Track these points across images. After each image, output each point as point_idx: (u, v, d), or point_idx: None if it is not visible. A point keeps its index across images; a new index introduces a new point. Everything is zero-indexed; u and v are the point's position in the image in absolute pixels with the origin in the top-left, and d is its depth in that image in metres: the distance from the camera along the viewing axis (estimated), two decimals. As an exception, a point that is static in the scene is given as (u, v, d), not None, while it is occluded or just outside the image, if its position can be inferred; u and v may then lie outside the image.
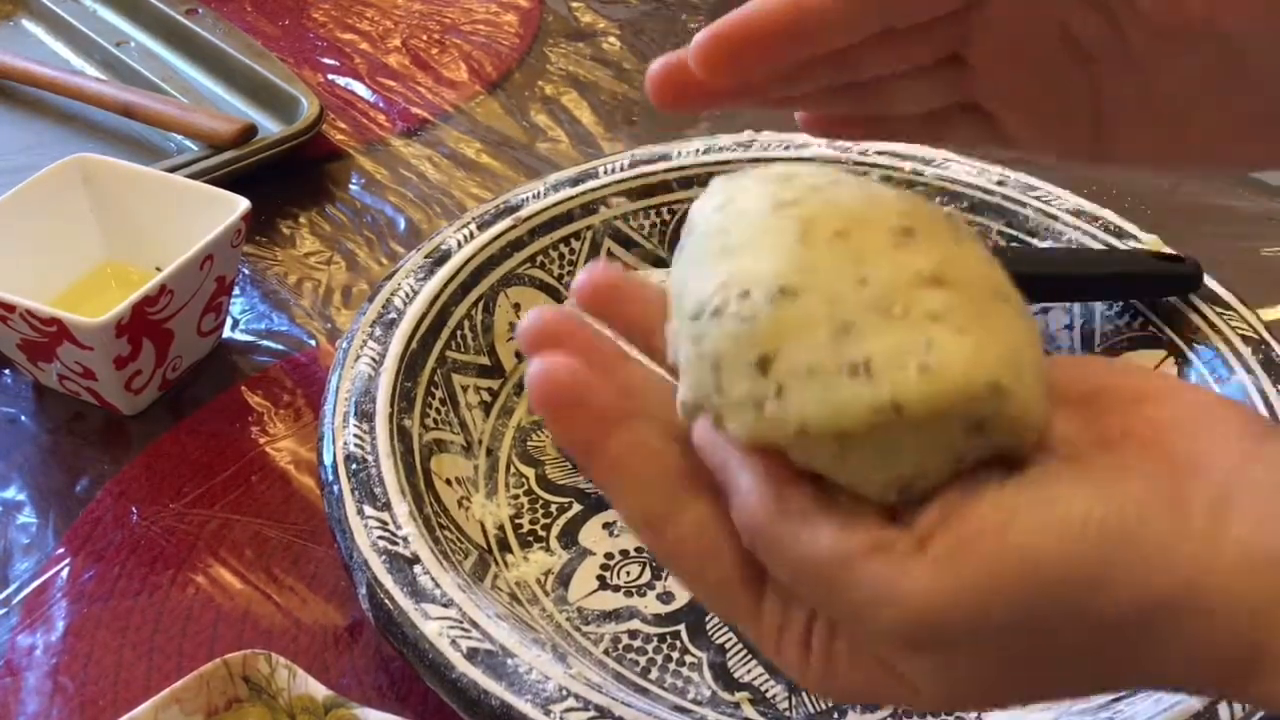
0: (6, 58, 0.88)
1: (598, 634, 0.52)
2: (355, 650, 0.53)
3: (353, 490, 0.51)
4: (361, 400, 0.55)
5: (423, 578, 0.48)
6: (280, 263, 0.75)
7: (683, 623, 0.53)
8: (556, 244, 0.65)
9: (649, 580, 0.54)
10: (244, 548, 0.57)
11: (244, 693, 0.47)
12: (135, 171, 0.68)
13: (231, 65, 0.88)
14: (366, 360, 0.57)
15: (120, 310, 0.58)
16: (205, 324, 0.65)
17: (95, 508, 0.59)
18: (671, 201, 0.68)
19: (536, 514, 0.57)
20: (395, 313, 0.59)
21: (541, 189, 0.67)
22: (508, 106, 0.90)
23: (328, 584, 0.56)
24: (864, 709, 0.50)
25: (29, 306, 0.58)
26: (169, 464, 0.62)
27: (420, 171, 0.83)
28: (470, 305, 0.62)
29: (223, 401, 0.65)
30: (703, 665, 0.51)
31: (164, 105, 0.82)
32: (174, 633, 0.54)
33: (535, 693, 0.45)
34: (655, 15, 1.01)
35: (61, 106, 0.86)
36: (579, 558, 0.55)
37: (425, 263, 0.62)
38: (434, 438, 0.57)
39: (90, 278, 0.68)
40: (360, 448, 0.53)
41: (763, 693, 0.50)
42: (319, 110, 0.82)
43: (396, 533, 0.50)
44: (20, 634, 0.54)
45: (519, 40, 0.98)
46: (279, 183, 0.80)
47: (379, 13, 1.01)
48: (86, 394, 0.63)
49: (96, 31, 0.93)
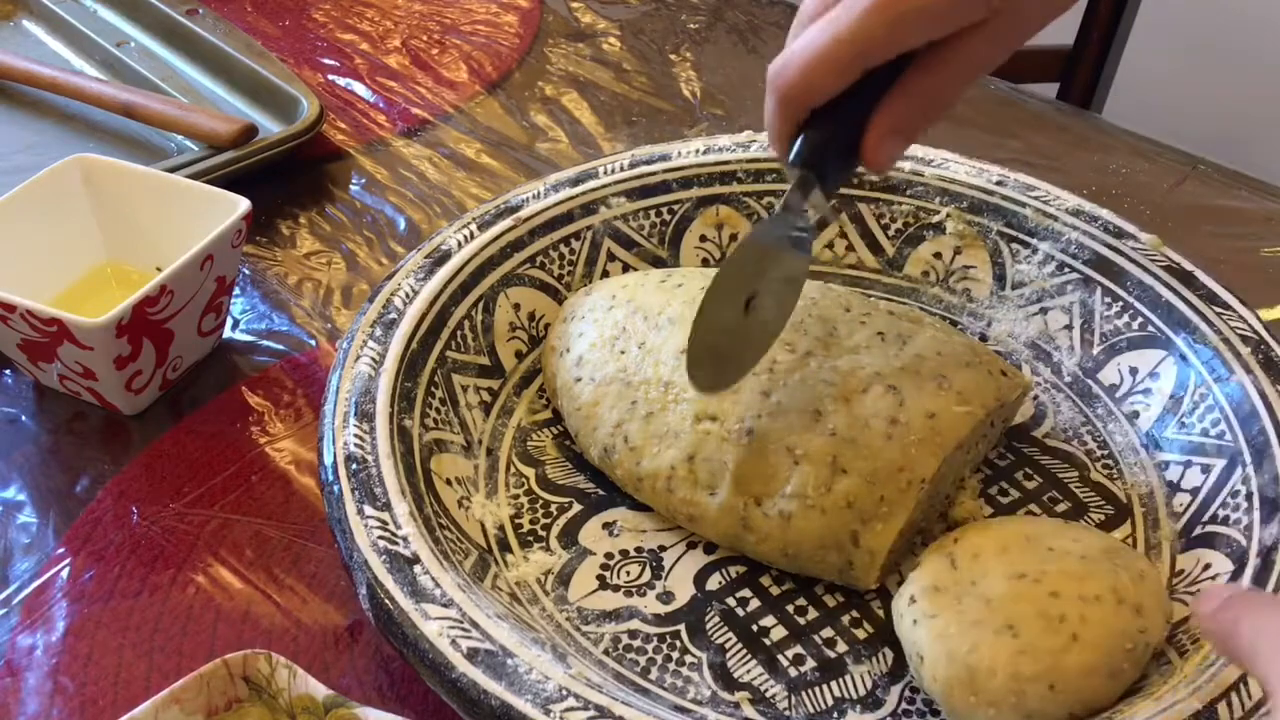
0: (7, 58, 0.88)
1: (598, 634, 0.52)
2: (355, 650, 0.53)
3: (353, 490, 0.51)
4: (362, 400, 0.55)
5: (423, 578, 0.48)
6: (280, 263, 0.75)
7: (682, 623, 0.53)
8: (556, 244, 0.65)
9: (649, 580, 0.54)
10: (244, 548, 0.57)
11: (244, 693, 0.47)
12: (135, 171, 0.68)
13: (232, 65, 0.88)
14: (366, 360, 0.57)
15: (120, 310, 0.58)
16: (205, 324, 0.65)
17: (95, 508, 0.59)
18: (671, 202, 0.68)
19: (536, 514, 0.57)
20: (395, 313, 0.59)
21: (541, 189, 0.67)
22: (507, 107, 0.90)
23: (328, 584, 0.56)
24: (864, 708, 0.50)
25: (29, 306, 0.58)
26: (169, 464, 0.62)
27: (420, 171, 0.83)
28: (470, 305, 0.62)
29: (223, 401, 0.65)
30: (702, 665, 0.51)
31: (164, 105, 0.82)
32: (174, 633, 0.54)
33: (535, 692, 0.45)
34: (655, 15, 1.01)
35: (61, 106, 0.86)
36: (579, 558, 0.55)
37: (425, 263, 0.62)
38: (434, 438, 0.57)
39: (90, 278, 0.68)
40: (360, 448, 0.53)
41: (762, 692, 0.50)
42: (319, 110, 0.82)
43: (396, 533, 0.50)
44: (20, 634, 0.54)
45: (519, 40, 0.98)
46: (279, 183, 0.80)
47: (379, 13, 1.01)
48: (87, 394, 0.63)
49: (97, 31, 0.93)
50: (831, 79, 0.46)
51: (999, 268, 0.66)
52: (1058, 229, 0.64)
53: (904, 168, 0.68)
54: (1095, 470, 0.59)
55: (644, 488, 0.56)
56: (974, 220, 0.66)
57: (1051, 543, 0.50)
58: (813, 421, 0.53)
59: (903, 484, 0.52)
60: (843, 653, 0.52)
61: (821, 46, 0.45)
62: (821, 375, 0.54)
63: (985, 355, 0.57)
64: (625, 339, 0.58)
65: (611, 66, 0.94)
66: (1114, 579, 0.48)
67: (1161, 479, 0.58)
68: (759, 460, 0.53)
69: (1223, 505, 0.54)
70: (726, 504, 0.53)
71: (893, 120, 0.48)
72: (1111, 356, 0.62)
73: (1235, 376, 0.57)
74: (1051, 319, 0.64)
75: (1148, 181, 0.82)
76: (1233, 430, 0.56)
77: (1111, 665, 0.46)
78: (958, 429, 0.53)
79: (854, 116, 0.48)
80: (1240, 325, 0.59)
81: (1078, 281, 0.63)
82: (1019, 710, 0.46)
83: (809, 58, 0.46)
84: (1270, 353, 0.57)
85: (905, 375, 0.54)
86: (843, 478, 0.52)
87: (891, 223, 0.68)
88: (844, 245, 0.69)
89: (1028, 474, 0.59)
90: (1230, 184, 0.82)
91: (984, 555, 0.50)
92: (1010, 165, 0.68)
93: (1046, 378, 0.63)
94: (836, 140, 0.48)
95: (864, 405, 0.53)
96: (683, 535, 0.56)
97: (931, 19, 0.45)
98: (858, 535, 0.52)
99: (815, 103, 0.47)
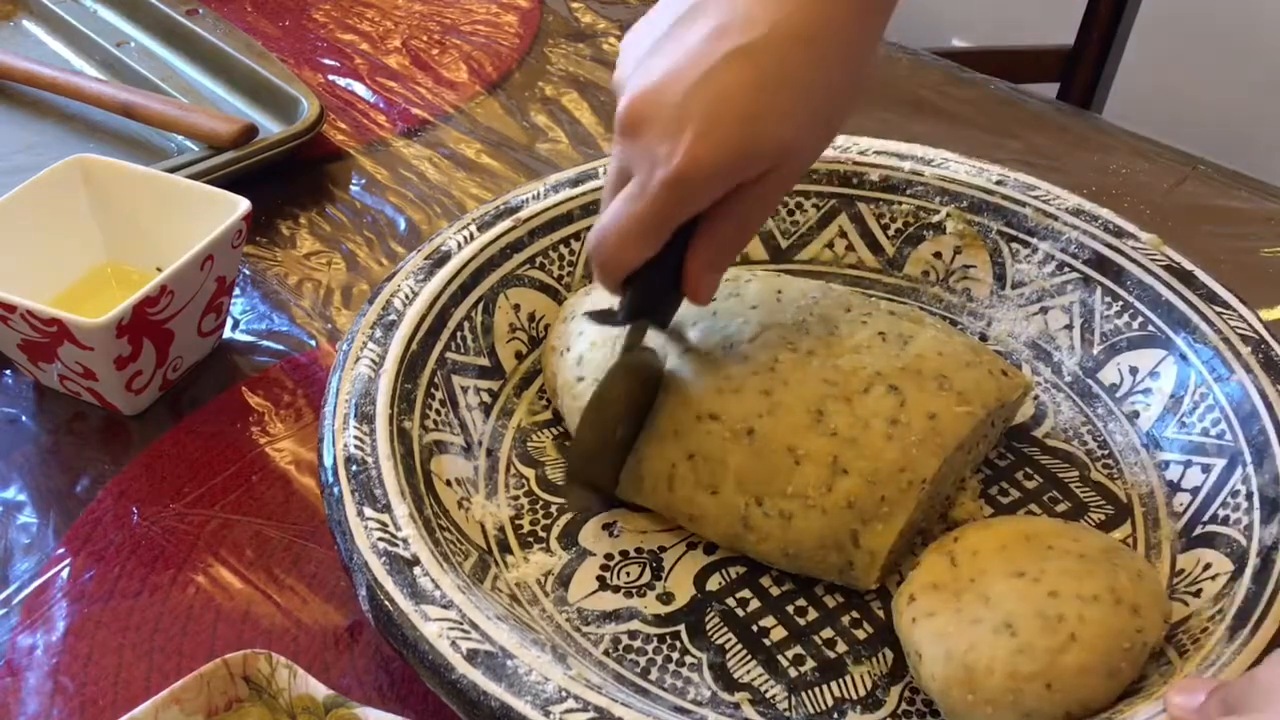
0: (7, 58, 0.88)
1: (598, 635, 0.52)
2: (355, 650, 0.53)
3: (353, 492, 0.51)
4: (361, 402, 0.55)
5: (422, 579, 0.48)
6: (280, 263, 0.75)
7: (682, 623, 0.53)
8: (556, 245, 0.65)
9: (649, 581, 0.54)
10: (244, 548, 0.57)
11: (244, 693, 0.47)
12: (135, 171, 0.68)
13: (232, 65, 0.88)
14: (366, 362, 0.57)
15: (120, 310, 0.58)
16: (205, 324, 0.65)
17: (95, 508, 0.59)
18: (671, 202, 0.68)
19: (537, 515, 0.57)
20: (395, 314, 0.59)
21: (542, 190, 0.67)
22: (508, 107, 0.90)
23: (328, 584, 0.56)
24: (864, 709, 0.50)
25: (29, 307, 0.58)
26: (169, 464, 0.62)
27: (420, 172, 0.83)
28: (470, 306, 0.62)
29: (223, 402, 0.65)
30: (702, 666, 0.51)
31: (164, 105, 0.82)
32: (174, 633, 0.54)
33: (535, 694, 0.45)
34: (655, 15, 1.01)
35: (61, 106, 0.86)
36: (579, 558, 0.55)
37: (425, 264, 0.62)
38: (434, 439, 0.56)
39: (90, 278, 0.68)
40: (360, 449, 0.53)
41: (762, 693, 0.50)
42: (319, 111, 0.82)
43: (396, 534, 0.50)
44: (20, 634, 0.54)
45: (519, 41, 0.98)
46: (279, 183, 0.80)
47: (379, 13, 1.01)
48: (87, 394, 0.63)
49: (96, 31, 0.93)
50: (639, 252, 0.51)
51: (999, 267, 0.66)
52: (1058, 228, 0.64)
53: (904, 168, 0.68)
54: (1095, 470, 0.59)
55: (645, 487, 0.56)
56: (974, 220, 0.66)
57: (1051, 542, 0.50)
58: (814, 421, 0.53)
59: (903, 484, 0.52)
60: (843, 653, 0.52)
61: (626, 224, 0.50)
62: (823, 375, 0.54)
63: (986, 355, 0.57)
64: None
65: (611, 66, 0.94)
66: (1112, 579, 0.48)
67: (1162, 479, 0.58)
68: (760, 460, 0.53)
69: (1223, 505, 0.54)
70: (727, 503, 0.53)
71: (704, 260, 0.53)
72: (1112, 356, 0.62)
73: (1235, 376, 0.57)
74: (1052, 319, 0.64)
75: (1148, 181, 0.82)
76: (1233, 430, 0.56)
77: (1109, 665, 0.46)
78: (959, 429, 0.53)
79: (668, 264, 0.52)
80: (1240, 325, 0.59)
81: (1078, 281, 0.63)
82: (1016, 709, 0.46)
83: (616, 237, 0.51)
84: (1270, 352, 0.57)
85: (906, 375, 0.54)
86: (843, 478, 0.52)
87: (891, 222, 0.68)
88: (844, 245, 0.69)
89: (1028, 474, 0.59)
90: (1230, 184, 0.82)
91: (983, 553, 0.50)
92: (1010, 165, 0.68)
93: (1047, 377, 0.63)
94: (657, 288, 0.54)
95: (865, 405, 0.53)
96: (683, 536, 0.56)
97: (714, 185, 0.49)
98: (858, 535, 0.52)
99: (632, 269, 0.52)
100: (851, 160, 0.68)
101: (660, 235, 0.50)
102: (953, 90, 0.92)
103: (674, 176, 0.47)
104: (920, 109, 0.88)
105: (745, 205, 0.51)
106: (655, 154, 0.48)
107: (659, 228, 0.50)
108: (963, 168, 0.68)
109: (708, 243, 0.52)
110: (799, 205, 0.69)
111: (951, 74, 0.94)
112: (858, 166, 0.68)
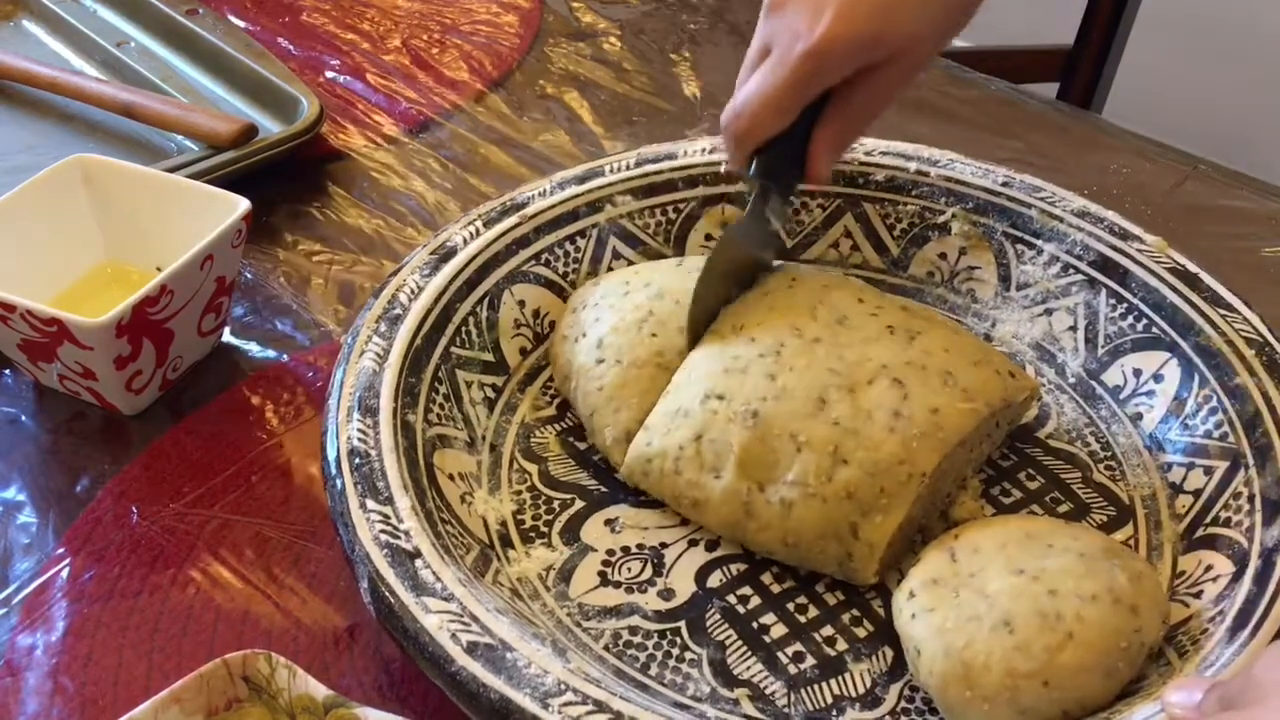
0: (6, 58, 0.88)
1: (598, 630, 0.52)
2: (355, 650, 0.53)
3: (355, 484, 0.51)
4: (365, 395, 0.55)
5: (424, 571, 0.48)
6: (281, 263, 0.75)
7: (683, 619, 0.53)
8: (562, 241, 0.65)
9: (650, 577, 0.54)
10: (244, 548, 0.57)
11: (244, 693, 0.47)
12: (135, 171, 0.68)
13: (232, 65, 0.88)
14: (371, 355, 0.56)
15: (120, 310, 0.58)
16: (205, 324, 0.65)
17: (95, 508, 0.59)
18: (677, 200, 0.68)
19: (539, 510, 0.57)
20: (400, 308, 0.59)
21: (547, 186, 0.66)
22: (509, 105, 0.90)
23: (328, 584, 0.56)
24: (863, 707, 0.50)
25: (29, 307, 0.58)
26: (169, 464, 0.61)
27: (421, 171, 0.83)
28: (475, 302, 0.62)
29: (223, 401, 0.65)
30: (702, 662, 0.51)
31: (164, 105, 0.82)
32: (174, 633, 0.54)
33: (534, 686, 0.44)
34: (655, 15, 1.01)
35: (61, 106, 0.86)
36: (581, 554, 0.55)
37: (431, 259, 0.62)
38: (437, 433, 0.56)
39: (90, 278, 0.68)
40: (364, 442, 0.53)
41: (762, 689, 0.50)
42: (319, 110, 0.81)
43: (398, 527, 0.50)
44: (20, 634, 0.54)
45: (519, 40, 0.98)
46: (279, 183, 0.80)
47: (379, 13, 1.01)
48: (87, 394, 0.63)
49: (97, 31, 0.93)
50: (775, 120, 0.56)
51: (1004, 268, 0.66)
52: (1063, 230, 0.64)
53: (909, 168, 0.68)
54: (1098, 471, 0.59)
55: (652, 469, 0.55)
56: (979, 221, 0.66)
57: (1051, 540, 0.50)
58: (816, 409, 0.53)
59: (903, 477, 0.52)
60: (842, 651, 0.52)
61: (764, 94, 0.55)
62: (828, 363, 0.54)
63: (995, 355, 0.57)
64: (653, 322, 0.58)
65: (612, 66, 0.94)
66: (1111, 578, 0.48)
67: (1164, 480, 0.58)
68: (762, 444, 0.53)
69: (1225, 507, 0.54)
70: (730, 488, 0.53)
71: (828, 138, 0.57)
72: (1116, 358, 0.62)
73: (1239, 379, 0.57)
74: (1056, 320, 0.64)
75: (1149, 182, 0.82)
76: (1236, 432, 0.56)
77: (1106, 664, 0.46)
78: (961, 425, 0.53)
79: (795, 139, 0.57)
80: (1245, 328, 0.59)
81: (1082, 283, 0.63)
82: (1013, 706, 0.46)
83: (755, 105, 0.56)
84: (1274, 355, 0.57)
85: (911, 370, 0.54)
86: (843, 468, 0.52)
87: (897, 223, 0.68)
88: (849, 245, 0.69)
89: (1030, 474, 0.59)
90: (1231, 184, 0.82)
91: (983, 550, 0.50)
92: (1011, 166, 0.68)
93: (1050, 378, 0.63)
94: (785, 159, 0.58)
95: (868, 396, 0.53)
96: (684, 532, 0.56)
97: (846, 62, 0.54)
98: (857, 527, 0.52)
99: (764, 139, 0.57)
100: (857, 160, 0.68)
101: (795, 106, 0.55)
102: (953, 90, 0.92)
103: (813, 49, 0.53)
104: (920, 109, 0.88)
105: (870, 90, 0.56)
106: (797, 28, 0.53)
107: (796, 98, 0.55)
108: (968, 169, 0.68)
109: (833, 123, 0.57)
110: (804, 205, 0.69)
111: (951, 74, 0.94)
112: (863, 167, 0.68)
